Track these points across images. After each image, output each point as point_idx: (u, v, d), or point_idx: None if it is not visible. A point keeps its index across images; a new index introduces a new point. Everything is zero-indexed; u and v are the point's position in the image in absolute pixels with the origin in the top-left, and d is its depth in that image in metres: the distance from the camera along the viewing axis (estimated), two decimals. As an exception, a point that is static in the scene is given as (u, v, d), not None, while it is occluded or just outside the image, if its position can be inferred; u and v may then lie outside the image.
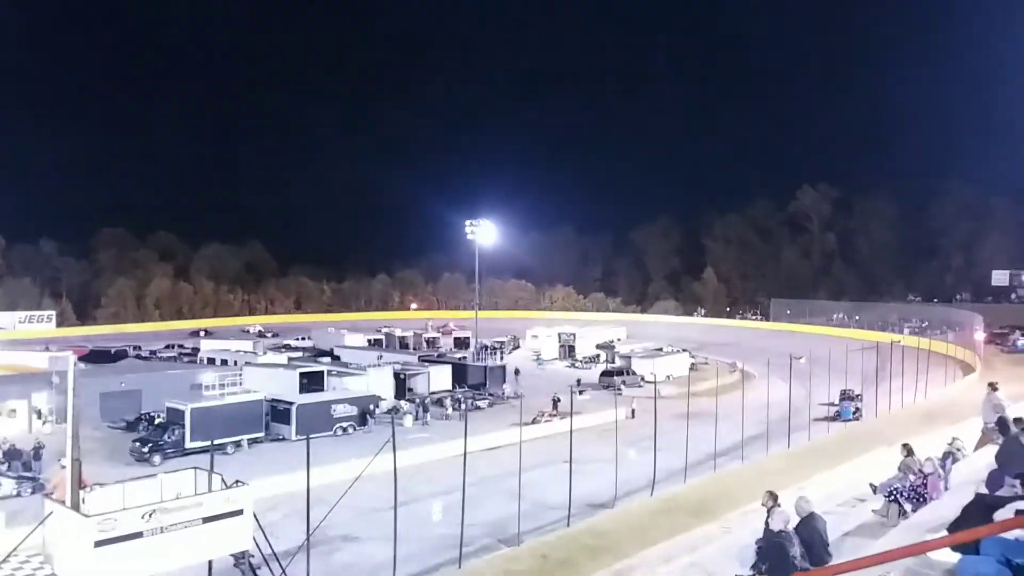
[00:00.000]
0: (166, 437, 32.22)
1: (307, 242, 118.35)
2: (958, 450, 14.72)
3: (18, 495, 25.91)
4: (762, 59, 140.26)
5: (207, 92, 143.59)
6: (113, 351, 61.83)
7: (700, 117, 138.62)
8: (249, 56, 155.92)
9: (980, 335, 59.65)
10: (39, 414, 36.59)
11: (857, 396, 40.70)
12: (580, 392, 41.71)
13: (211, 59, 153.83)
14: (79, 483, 13.03)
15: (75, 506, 12.76)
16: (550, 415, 38.71)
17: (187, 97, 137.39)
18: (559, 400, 39.67)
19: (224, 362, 51.31)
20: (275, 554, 15.35)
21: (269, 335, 77.81)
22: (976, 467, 11.43)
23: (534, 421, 37.37)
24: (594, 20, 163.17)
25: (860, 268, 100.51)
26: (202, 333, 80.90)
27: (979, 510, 6.63)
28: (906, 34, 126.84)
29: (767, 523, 10.69)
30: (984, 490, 8.31)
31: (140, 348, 67.41)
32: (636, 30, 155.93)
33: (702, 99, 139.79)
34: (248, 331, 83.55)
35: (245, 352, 58.38)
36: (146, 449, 31.48)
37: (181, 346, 68.53)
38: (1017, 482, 6.70)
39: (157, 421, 34.89)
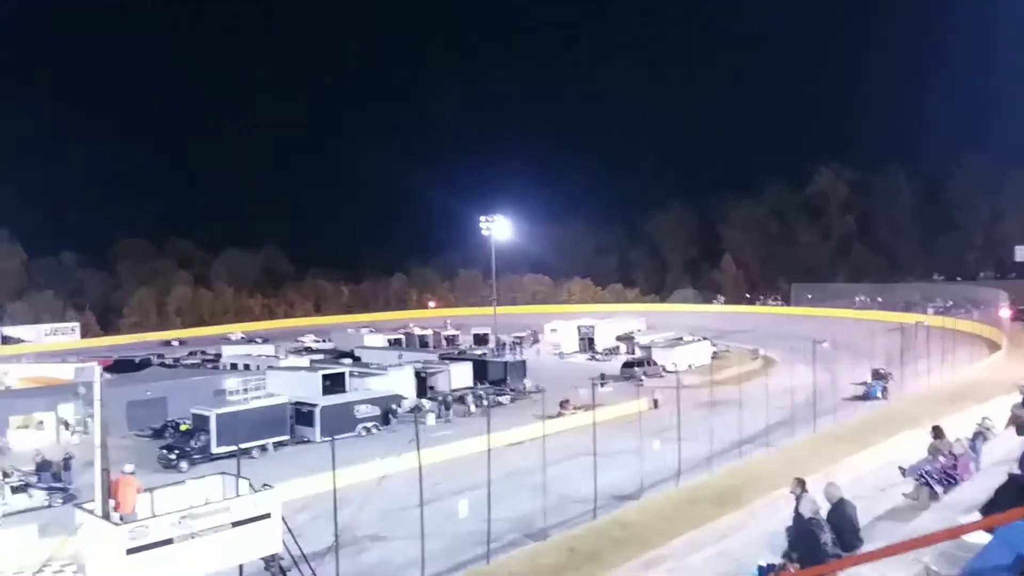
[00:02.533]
0: (192, 443, 32.50)
1: (324, 244, 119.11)
2: (988, 429, 14.56)
3: (49, 506, 26.27)
4: (773, 41, 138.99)
5: (221, 97, 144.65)
6: (138, 360, 62.43)
7: (713, 102, 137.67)
8: (261, 60, 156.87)
9: (1005, 312, 58.84)
10: (66, 425, 37.03)
11: (888, 374, 40.40)
12: (602, 384, 41.60)
13: (223, 65, 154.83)
14: (109, 492, 13.17)
15: (106, 515, 12.90)
16: (574, 408, 38.63)
17: (201, 103, 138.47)
18: (567, 402, 39.36)
19: (247, 367, 51.68)
20: (304, 556, 15.43)
21: (260, 340, 76.22)
22: (1007, 447, 11.28)
23: (558, 415, 37.33)
24: (603, 7, 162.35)
25: (880, 249, 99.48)
26: (175, 343, 79.96)
27: (1013, 491, 6.52)
28: (919, 9, 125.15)
29: (796, 510, 10.62)
30: (1017, 471, 8.18)
31: (164, 356, 68.03)
32: (647, 16, 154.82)
33: (714, 83, 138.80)
34: (230, 338, 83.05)
35: (267, 356, 58.76)
36: (173, 456, 31.77)
37: (204, 352, 69.03)
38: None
39: (183, 428, 35.19)
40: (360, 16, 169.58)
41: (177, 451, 32.13)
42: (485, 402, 40.92)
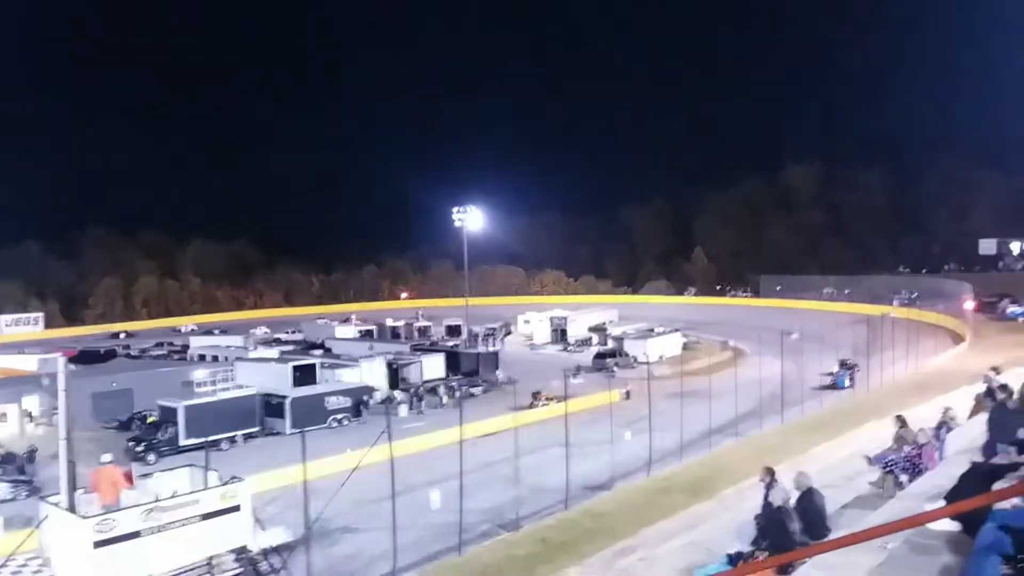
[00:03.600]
0: (160, 435, 32.12)
1: (294, 235, 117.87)
2: (951, 419, 14.81)
3: (14, 499, 25.81)
4: (745, 36, 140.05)
5: (188, 87, 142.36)
6: (103, 351, 61.45)
7: (686, 95, 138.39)
8: (230, 49, 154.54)
9: (969, 304, 60.06)
10: (31, 417, 36.37)
11: (854, 365, 41.15)
12: (574, 376, 41.75)
13: (193, 52, 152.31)
14: (74, 485, 12.96)
15: (72, 508, 12.70)
16: (545, 398, 38.75)
17: (167, 93, 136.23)
18: (539, 393, 39.51)
19: (215, 358, 51.13)
20: (275, 548, 15.33)
21: (217, 332, 74.25)
22: (970, 436, 11.50)
23: (530, 406, 37.42)
24: (574, 7, 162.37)
25: (849, 242, 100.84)
26: (122, 335, 77.84)
27: (975, 479, 6.66)
28: (892, 7, 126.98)
29: (766, 499, 10.75)
30: (979, 458, 8.36)
31: (129, 347, 67.03)
32: (622, 9, 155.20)
33: (687, 76, 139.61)
34: (180, 331, 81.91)
35: (236, 348, 58.17)
36: (140, 448, 31.37)
37: (171, 344, 68.13)
38: (1012, 449, 6.73)
39: (150, 420, 34.75)
40: (332, 2, 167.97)
41: (144, 443, 31.73)
42: (457, 393, 40.89)
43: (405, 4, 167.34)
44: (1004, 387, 12.28)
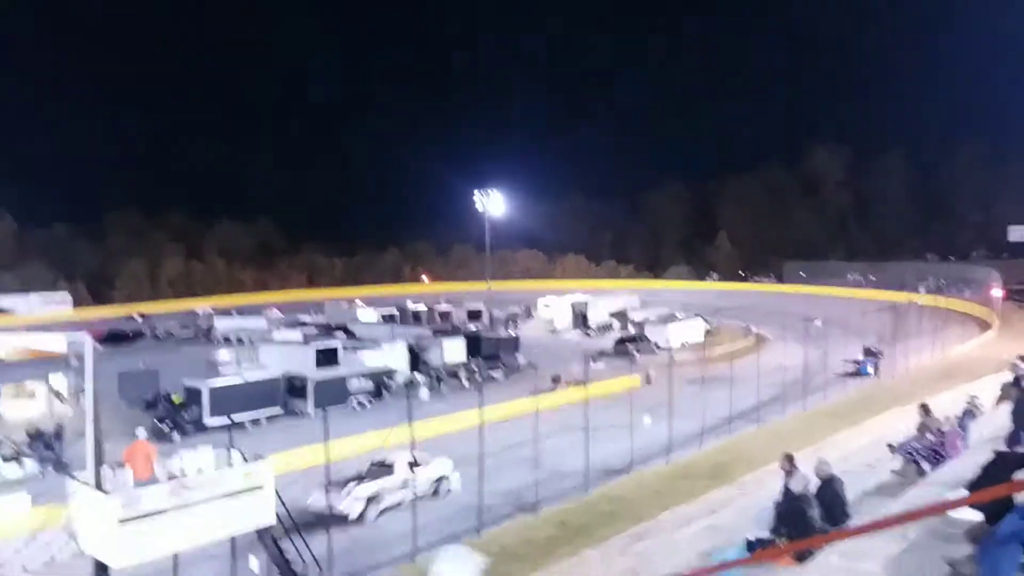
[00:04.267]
0: (185, 415, 32.58)
1: (317, 218, 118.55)
2: (976, 407, 14.66)
3: (42, 475, 26.35)
4: (772, 19, 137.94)
5: (213, 71, 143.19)
6: (130, 332, 62.33)
7: (710, 79, 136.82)
8: (254, 33, 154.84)
9: (997, 292, 59.11)
10: (58, 395, 37.01)
11: (879, 352, 40.71)
12: (594, 360, 41.72)
13: (216, 38, 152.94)
14: (101, 462, 13.18)
15: (98, 485, 12.91)
16: (565, 382, 38.79)
17: (193, 77, 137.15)
18: (559, 377, 39.59)
19: (240, 340, 51.70)
20: (297, 527, 15.54)
21: (235, 313, 73.71)
22: (995, 425, 11.37)
23: (551, 390, 37.48)
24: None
25: (874, 227, 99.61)
26: (137, 316, 76.28)
27: (999, 468, 6.58)
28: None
29: (786, 486, 10.70)
30: (1003, 448, 8.26)
31: (156, 328, 67.88)
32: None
33: (712, 60, 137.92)
34: (199, 313, 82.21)
35: (260, 330, 58.73)
36: (166, 428, 31.86)
37: (197, 325, 68.88)
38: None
39: (175, 400, 35.24)
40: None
41: (169, 422, 32.20)
42: (478, 377, 41.03)
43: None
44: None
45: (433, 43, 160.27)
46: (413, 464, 20.81)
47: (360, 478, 21.10)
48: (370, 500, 20.81)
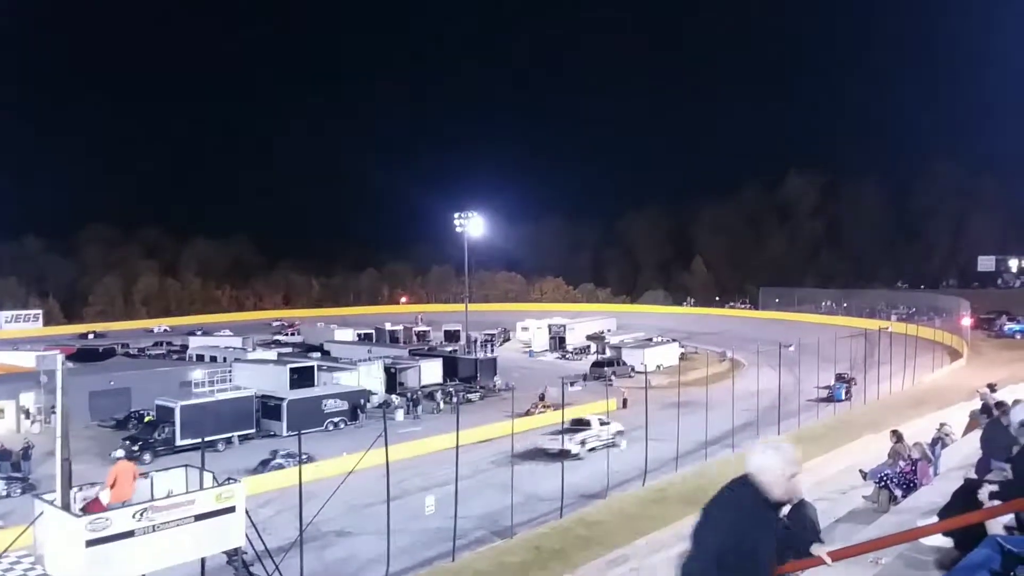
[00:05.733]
0: (156, 435, 32.10)
1: (295, 237, 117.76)
2: (947, 435, 14.85)
3: (8, 496, 25.78)
4: (748, 46, 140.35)
5: (190, 86, 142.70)
6: (101, 349, 61.43)
7: (687, 105, 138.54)
8: (232, 50, 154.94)
9: (967, 320, 60.10)
10: (27, 414, 36.33)
11: (851, 379, 41.21)
12: (571, 384, 41.79)
13: (195, 52, 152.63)
14: (70, 483, 12.96)
15: (66, 506, 12.68)
16: (543, 407, 38.80)
17: (170, 92, 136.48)
18: (544, 397, 39.81)
19: (213, 359, 51.12)
20: (268, 550, 15.32)
21: (199, 332, 73.20)
22: (965, 452, 11.52)
23: (527, 413, 37.42)
24: (578, 11, 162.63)
25: (847, 254, 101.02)
26: (91, 336, 76.48)
27: (968, 495, 6.68)
28: (892, 16, 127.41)
29: (759, 511, 10.75)
30: (973, 475, 8.37)
31: (128, 346, 67.01)
32: (622, 19, 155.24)
33: (689, 87, 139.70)
34: (153, 331, 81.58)
35: (234, 349, 58.17)
36: (136, 447, 31.33)
37: (170, 343, 68.10)
38: (1008, 466, 6.74)
39: (147, 419, 34.73)
40: (333, 6, 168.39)
41: (140, 442, 31.71)
42: (455, 399, 40.90)
43: (406, 7, 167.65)
44: (1000, 404, 12.31)
45: (411, 65, 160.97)
46: (602, 422, 31.57)
47: (571, 430, 30.24)
48: (582, 443, 30.15)
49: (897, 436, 14.98)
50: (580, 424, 31.49)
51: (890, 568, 6.36)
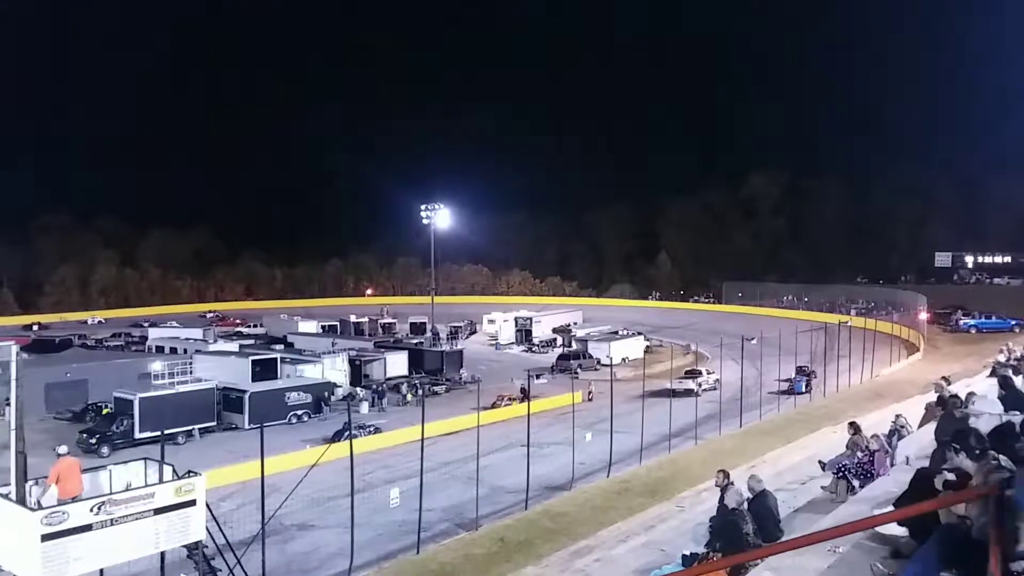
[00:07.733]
0: (114, 428, 31.52)
1: (258, 227, 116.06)
2: (903, 427, 15.18)
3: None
4: (713, 44, 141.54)
5: (150, 72, 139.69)
6: (57, 340, 60.15)
7: (654, 100, 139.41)
8: (195, 35, 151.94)
9: (924, 315, 61.52)
10: (-20, 406, 35.44)
11: (812, 372, 41.93)
12: (537, 376, 41.95)
13: (155, 38, 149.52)
14: (24, 477, 12.67)
15: (21, 500, 12.40)
16: (509, 399, 38.86)
17: (129, 78, 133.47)
18: (502, 398, 39.51)
19: (174, 350, 50.32)
20: (229, 544, 15.14)
21: (146, 324, 71.95)
22: (920, 443, 11.80)
23: (493, 406, 37.46)
24: (547, 4, 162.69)
25: (809, 251, 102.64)
26: (35, 327, 74.60)
27: (923, 485, 6.85)
28: (854, 17, 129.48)
29: (721, 501, 10.92)
30: (927, 466, 8.58)
31: (86, 337, 65.68)
32: (593, 14, 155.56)
33: (656, 82, 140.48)
34: (87, 323, 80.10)
35: (195, 340, 57.33)
36: (94, 440, 30.76)
37: (129, 335, 66.87)
38: (963, 454, 6.92)
39: (105, 411, 34.08)
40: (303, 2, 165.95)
41: (98, 435, 31.12)
42: (420, 392, 40.79)
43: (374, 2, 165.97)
44: (954, 396, 12.63)
45: (378, 56, 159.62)
46: (708, 371, 43.96)
47: (689, 376, 42.19)
48: (700, 385, 40.59)
49: (855, 428, 15.29)
50: (694, 373, 43.55)
51: (847, 556, 6.50)
